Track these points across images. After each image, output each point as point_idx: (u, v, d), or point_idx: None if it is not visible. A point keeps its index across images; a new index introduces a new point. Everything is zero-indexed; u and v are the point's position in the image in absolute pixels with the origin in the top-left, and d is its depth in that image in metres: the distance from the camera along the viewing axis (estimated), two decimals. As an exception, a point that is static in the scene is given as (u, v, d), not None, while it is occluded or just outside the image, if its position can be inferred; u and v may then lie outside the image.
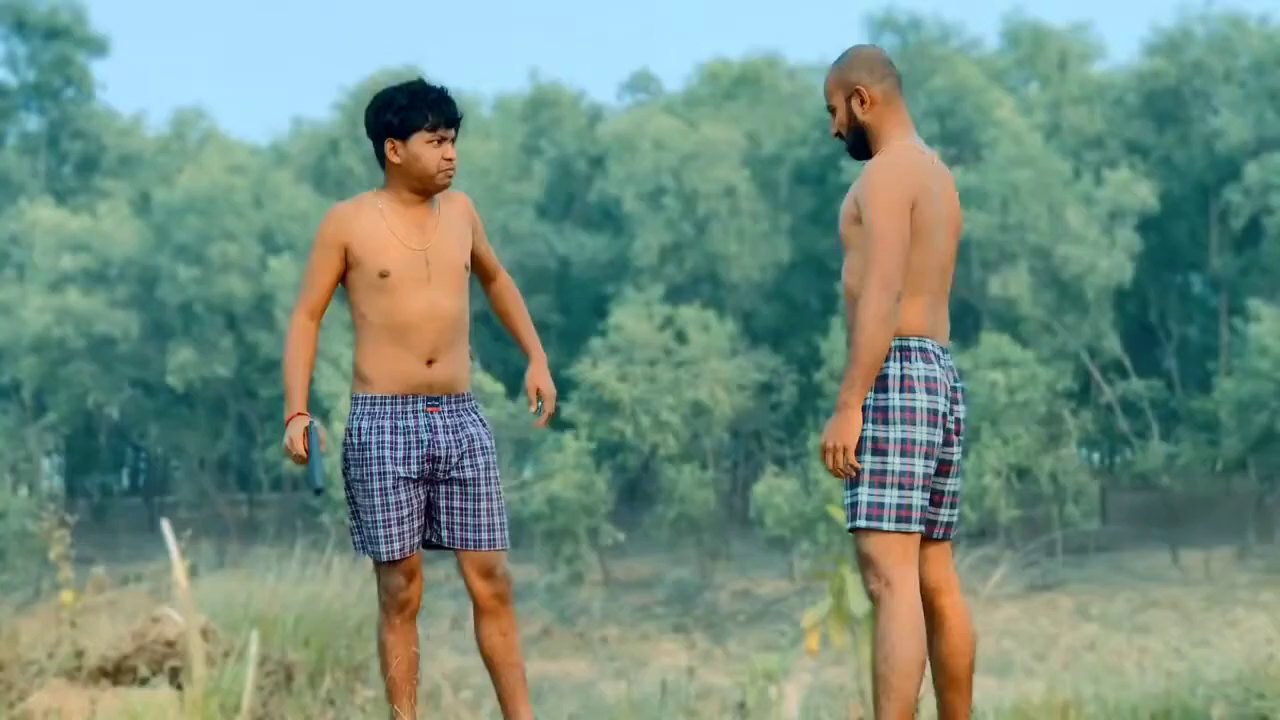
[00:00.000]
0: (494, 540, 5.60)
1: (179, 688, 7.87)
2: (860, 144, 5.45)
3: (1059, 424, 59.17)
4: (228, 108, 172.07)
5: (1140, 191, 60.91)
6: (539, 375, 5.78)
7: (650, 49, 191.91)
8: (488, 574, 5.59)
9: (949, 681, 5.38)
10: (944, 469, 5.36)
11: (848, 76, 5.42)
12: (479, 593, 5.60)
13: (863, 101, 5.40)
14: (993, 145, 62.42)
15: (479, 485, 5.59)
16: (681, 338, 61.82)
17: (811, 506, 58.06)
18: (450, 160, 5.56)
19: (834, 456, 5.22)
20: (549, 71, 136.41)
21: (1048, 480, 58.30)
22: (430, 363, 5.54)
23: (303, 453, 5.53)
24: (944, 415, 5.30)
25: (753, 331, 65.33)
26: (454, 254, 5.58)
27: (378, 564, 5.60)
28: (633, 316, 61.39)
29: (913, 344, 5.29)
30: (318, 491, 5.62)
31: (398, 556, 5.55)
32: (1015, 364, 57.77)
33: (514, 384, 67.78)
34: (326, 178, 73.56)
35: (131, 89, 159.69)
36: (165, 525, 8.74)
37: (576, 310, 69.80)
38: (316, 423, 5.60)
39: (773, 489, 58.52)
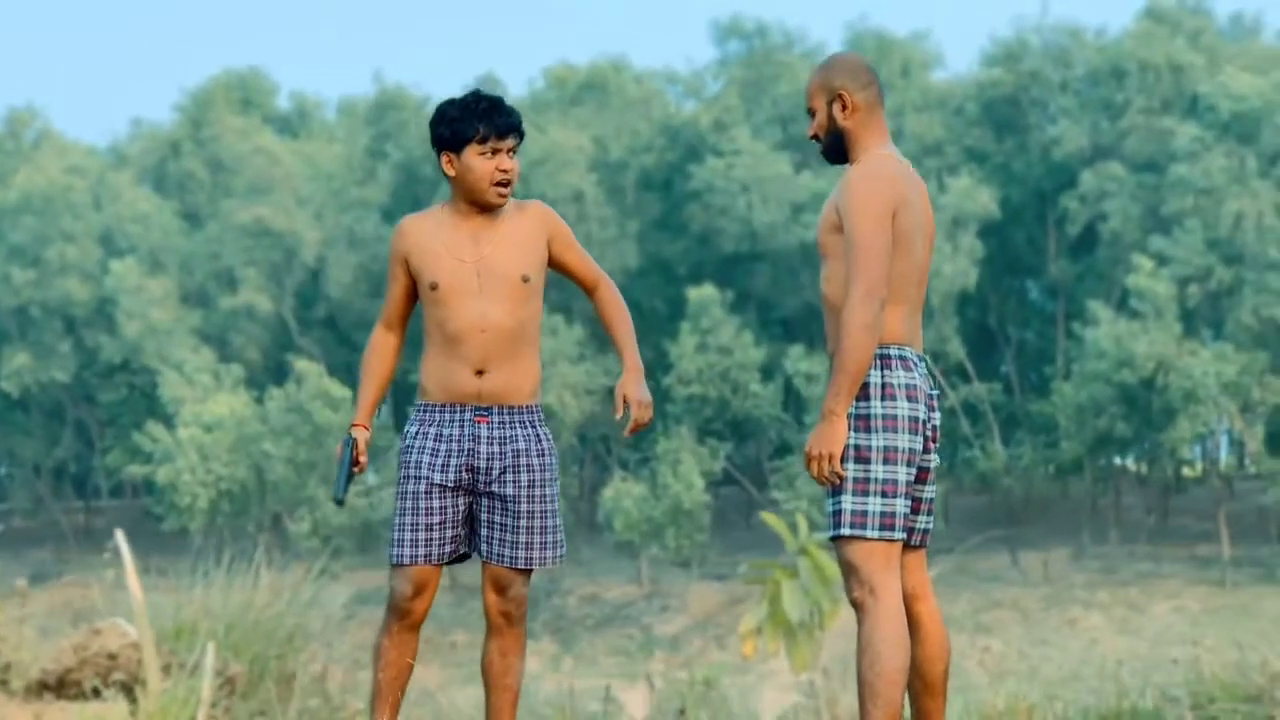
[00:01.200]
0: (515, 558, 5.51)
1: (133, 701, 7.77)
2: (836, 148, 5.46)
3: (904, 427, 59.82)
4: (62, 108, 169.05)
5: (982, 198, 61.81)
6: (630, 383, 5.59)
7: (494, 53, 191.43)
8: (501, 590, 5.53)
9: (925, 687, 5.40)
10: (922, 476, 5.38)
11: (831, 81, 5.44)
12: (489, 606, 5.55)
13: (844, 107, 5.42)
14: (839, 152, 62.96)
15: (519, 503, 5.52)
16: (530, 343, 61.64)
17: (660, 511, 58.28)
18: (505, 172, 5.50)
19: (819, 464, 5.23)
20: (393, 74, 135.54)
21: (893, 483, 58.93)
22: (480, 373, 5.51)
23: (336, 458, 5.57)
24: (924, 422, 5.33)
25: (600, 336, 65.39)
26: (509, 265, 5.53)
27: (391, 567, 5.55)
28: (481, 321, 61.20)
29: (893, 352, 5.31)
30: (338, 502, 5.60)
31: (419, 561, 5.48)
32: (861, 368, 58.23)
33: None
34: (167, 180, 72.61)
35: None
36: (119, 535, 8.62)
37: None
38: (362, 437, 5.59)
39: (621, 493, 58.66)
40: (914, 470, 5.32)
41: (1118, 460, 65.35)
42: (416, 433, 5.56)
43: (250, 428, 62.24)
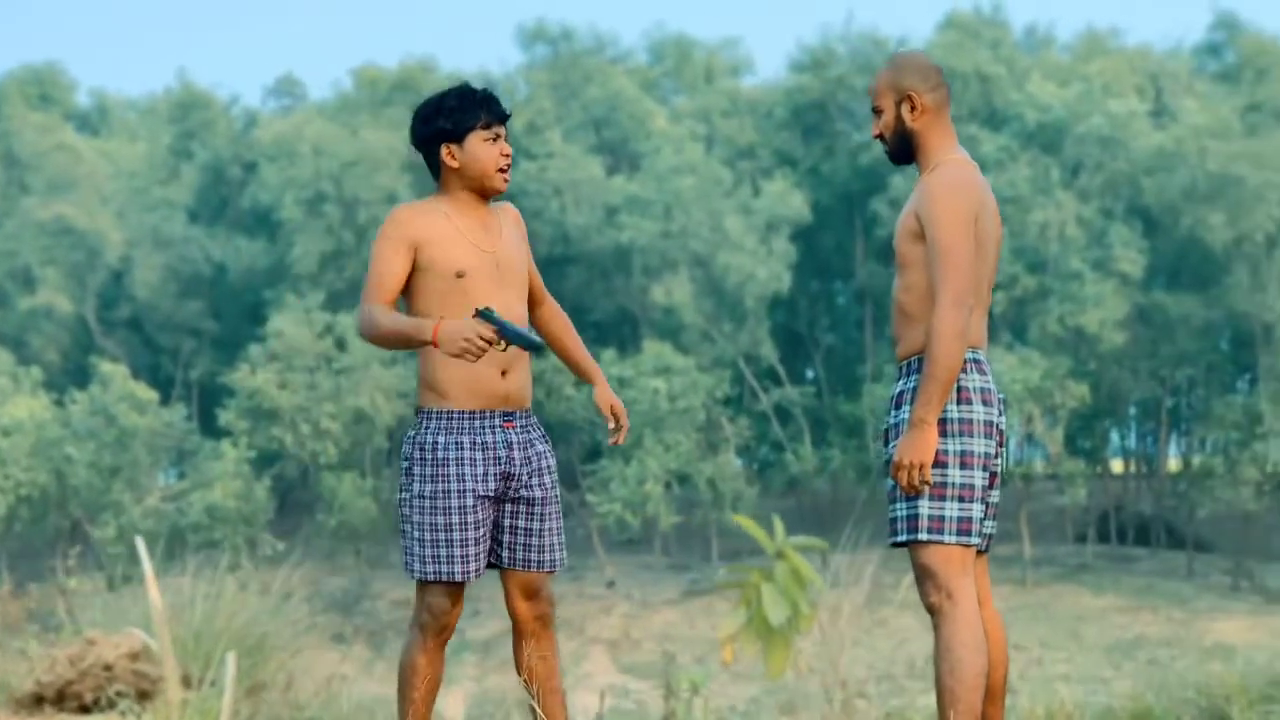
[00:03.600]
0: (543, 561, 5.47)
1: (146, 714, 7.54)
2: (903, 149, 5.43)
3: (718, 431, 60.24)
4: None
5: (795, 202, 62.44)
6: (610, 394, 5.64)
7: (292, 53, 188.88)
8: (532, 595, 5.48)
9: (986, 694, 5.40)
10: (990, 480, 5.37)
11: (901, 81, 5.39)
12: (520, 614, 5.49)
13: (914, 108, 5.37)
14: (654, 154, 63.29)
15: (546, 505, 5.47)
16: (342, 345, 61.11)
17: (474, 514, 57.97)
18: (508, 156, 5.47)
19: (909, 473, 5.20)
20: (193, 73, 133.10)
21: (706, 486, 59.26)
22: (505, 373, 5.39)
23: (490, 334, 5.14)
24: (996, 426, 5.33)
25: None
26: (518, 258, 5.47)
27: (425, 584, 5.41)
28: (292, 323, 60.45)
29: (968, 356, 5.30)
30: (539, 349, 5.29)
31: (469, 577, 5.39)
32: (676, 371, 58.58)
33: (165, 390, 66.14)
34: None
35: None
36: (139, 542, 8.38)
37: (230, 316, 68.45)
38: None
39: (434, 497, 58.20)
40: (988, 475, 5.32)
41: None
42: (447, 442, 5.36)
43: (50, 431, 60.74)
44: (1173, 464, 67.40)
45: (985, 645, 5.23)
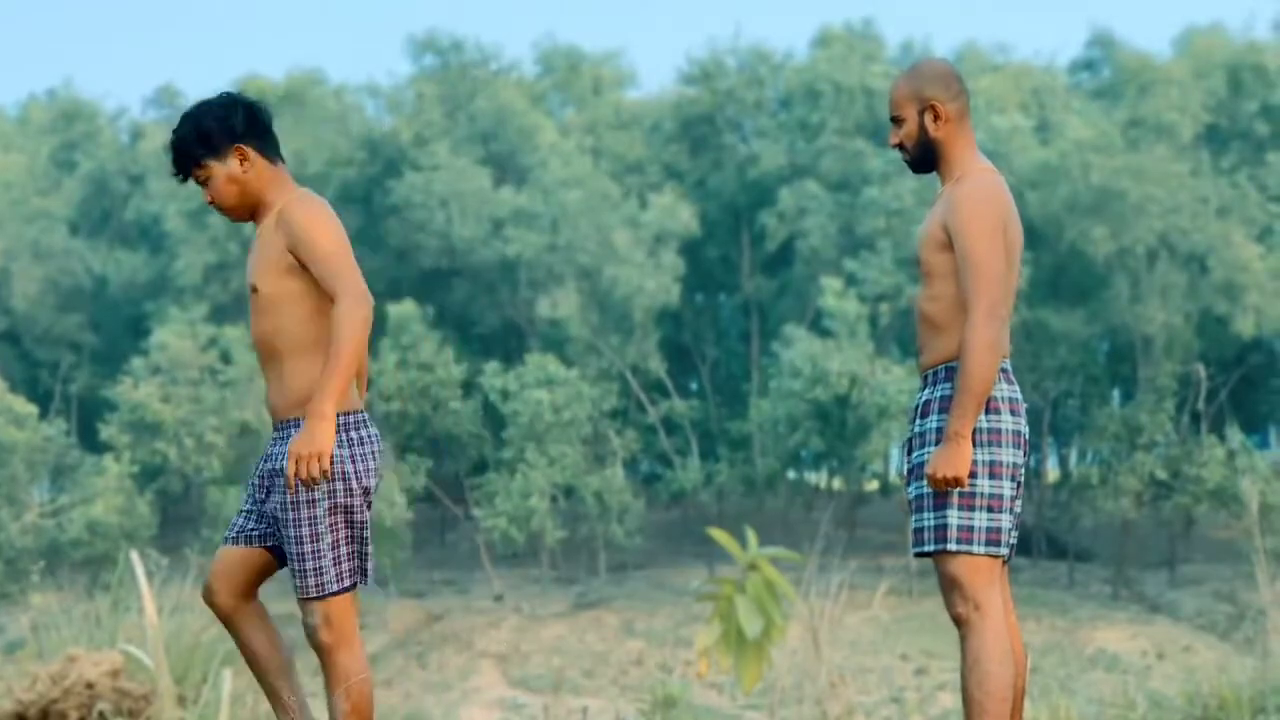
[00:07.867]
0: (295, 586, 5.14)
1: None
2: (925, 159, 5.38)
3: (604, 443, 60.16)
4: None
5: (683, 216, 62.52)
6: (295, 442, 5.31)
7: (173, 64, 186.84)
8: (302, 620, 5.16)
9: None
10: (1016, 489, 5.30)
11: (923, 91, 5.33)
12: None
13: (936, 117, 5.32)
14: (541, 167, 63.16)
15: (285, 527, 5.13)
16: (226, 358, 60.51)
17: (361, 527, 57.55)
18: (210, 201, 5.32)
19: (945, 487, 5.16)
20: (70, 81, 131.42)
21: (593, 499, 59.16)
22: (267, 387, 5.28)
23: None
24: (1024, 436, 5.30)
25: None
26: (255, 276, 5.21)
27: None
28: (176, 336, 59.81)
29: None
30: None
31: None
32: (561, 383, 58.46)
33: (44, 404, 65.16)
34: None
35: None
36: (135, 557, 8.23)
37: (111, 330, 67.59)
38: None
39: (320, 512, 57.76)
40: (1016, 485, 5.28)
41: (810, 475, 66.64)
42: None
43: (-75, 446, 59.71)
44: (1052, 475, 68.13)
45: (1011, 657, 5.20)
